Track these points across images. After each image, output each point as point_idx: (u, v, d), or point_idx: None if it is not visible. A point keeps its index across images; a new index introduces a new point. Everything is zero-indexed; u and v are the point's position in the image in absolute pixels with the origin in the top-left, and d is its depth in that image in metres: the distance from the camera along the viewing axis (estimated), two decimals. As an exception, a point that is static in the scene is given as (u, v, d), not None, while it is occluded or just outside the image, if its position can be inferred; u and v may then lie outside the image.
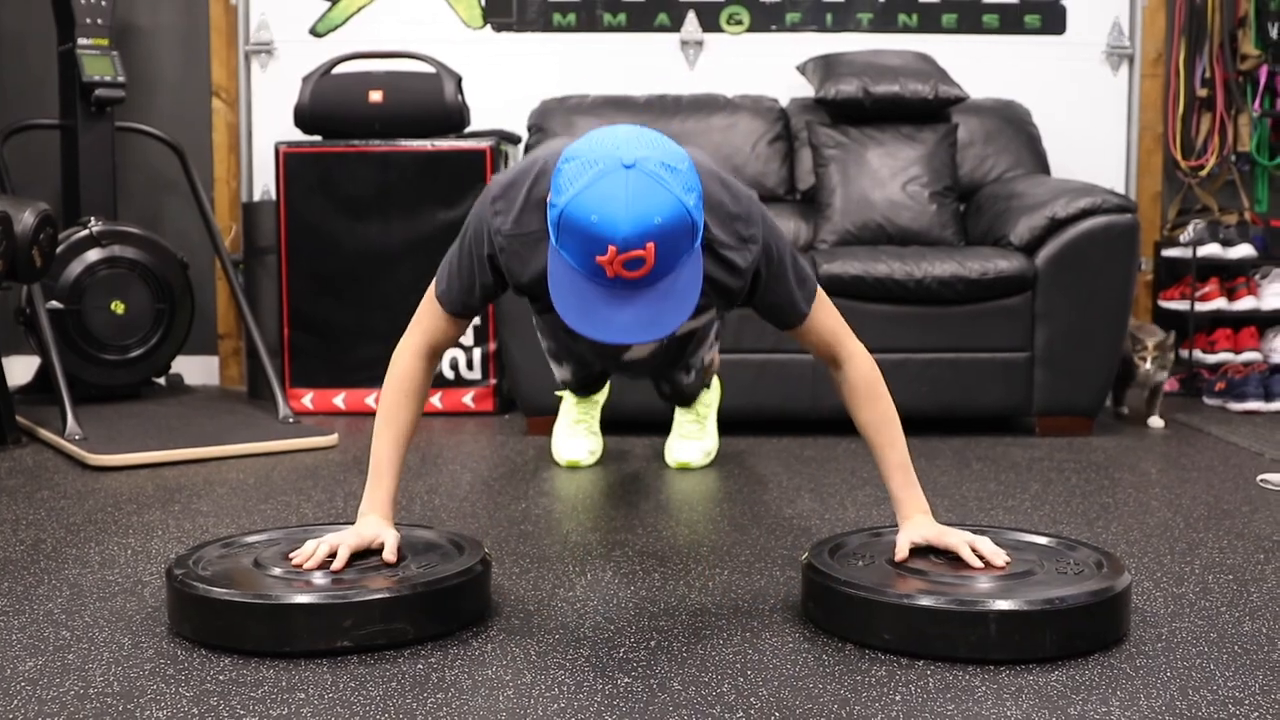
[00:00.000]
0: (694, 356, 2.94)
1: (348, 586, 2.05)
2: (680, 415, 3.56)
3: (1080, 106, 4.99)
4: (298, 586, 2.06)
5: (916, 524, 2.24)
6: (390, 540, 2.18)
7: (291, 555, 2.18)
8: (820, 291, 2.29)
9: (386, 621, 2.00)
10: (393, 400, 2.27)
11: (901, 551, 2.19)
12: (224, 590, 2.04)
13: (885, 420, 2.29)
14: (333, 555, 2.14)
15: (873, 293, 3.91)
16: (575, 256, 1.86)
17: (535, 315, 2.78)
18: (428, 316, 2.29)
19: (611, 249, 1.81)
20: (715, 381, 3.59)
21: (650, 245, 1.82)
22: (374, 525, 2.22)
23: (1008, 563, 2.14)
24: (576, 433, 3.56)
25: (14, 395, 4.03)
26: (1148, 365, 4.12)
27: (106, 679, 1.90)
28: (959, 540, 2.17)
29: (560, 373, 3.13)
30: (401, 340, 2.30)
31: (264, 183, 4.97)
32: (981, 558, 2.14)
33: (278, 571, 2.13)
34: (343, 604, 2.00)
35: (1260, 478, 3.34)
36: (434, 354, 2.29)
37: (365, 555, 2.19)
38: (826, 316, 2.28)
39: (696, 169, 1.94)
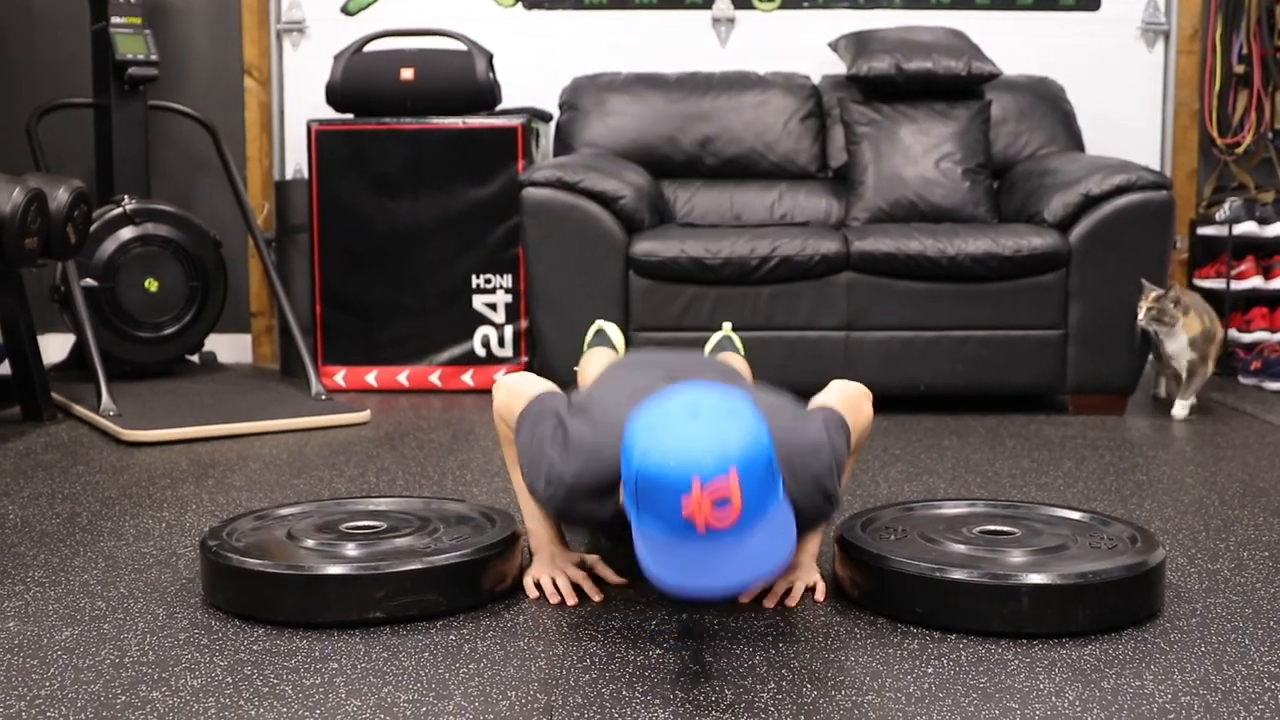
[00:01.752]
0: None
1: (380, 558, 2.06)
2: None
3: (1115, 83, 4.94)
4: (330, 557, 2.07)
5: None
6: (595, 561, 2.24)
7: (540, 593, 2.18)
8: (842, 436, 2.11)
9: (419, 592, 2.01)
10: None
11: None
12: (258, 561, 2.05)
13: None
14: (573, 583, 2.18)
15: (905, 270, 3.89)
16: (661, 517, 1.74)
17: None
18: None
19: (695, 482, 1.71)
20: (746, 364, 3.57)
21: (733, 471, 1.72)
22: (564, 553, 2.24)
23: (787, 605, 2.13)
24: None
25: (49, 372, 4.06)
26: (1140, 318, 3.84)
27: (142, 648, 1.92)
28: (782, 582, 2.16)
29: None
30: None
31: (296, 161, 4.99)
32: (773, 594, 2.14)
33: (311, 543, 2.14)
34: (375, 575, 2.00)
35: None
36: None
37: (394, 528, 2.21)
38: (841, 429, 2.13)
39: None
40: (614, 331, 3.32)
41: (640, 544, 1.79)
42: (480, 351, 4.42)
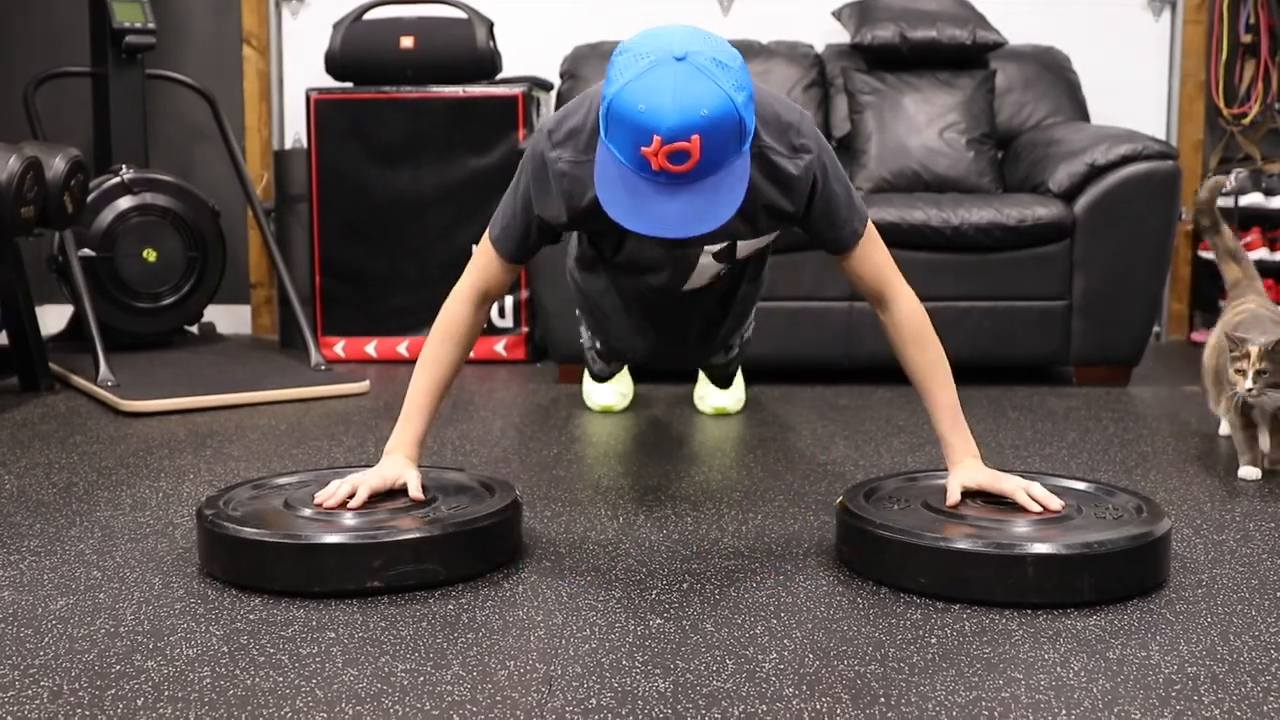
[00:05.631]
0: (745, 304, 2.83)
1: (378, 526, 2.04)
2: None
3: (1121, 53, 4.90)
4: (328, 527, 2.05)
5: (967, 468, 2.19)
6: (413, 479, 2.18)
7: (316, 496, 2.16)
8: (871, 224, 2.24)
9: (417, 561, 1.99)
10: (435, 342, 2.26)
11: (953, 496, 2.15)
12: (254, 530, 2.03)
13: (934, 364, 2.25)
14: (353, 494, 2.14)
15: (909, 240, 3.86)
16: (622, 148, 1.87)
17: (582, 277, 2.71)
18: (483, 263, 2.26)
19: (656, 139, 1.82)
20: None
21: (695, 138, 1.81)
22: (396, 465, 2.21)
23: (1065, 505, 2.11)
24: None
25: (47, 343, 4.04)
26: (1247, 386, 2.64)
27: (137, 618, 1.90)
28: (1014, 485, 2.13)
29: (597, 365, 3.13)
30: (455, 286, 2.26)
31: (295, 130, 4.95)
32: (1038, 501, 2.10)
33: (308, 512, 2.12)
34: (373, 544, 1.99)
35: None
36: (485, 300, 2.27)
37: (392, 496, 2.19)
38: (876, 251, 2.24)
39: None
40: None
41: (601, 158, 1.92)
42: (481, 322, 4.39)
